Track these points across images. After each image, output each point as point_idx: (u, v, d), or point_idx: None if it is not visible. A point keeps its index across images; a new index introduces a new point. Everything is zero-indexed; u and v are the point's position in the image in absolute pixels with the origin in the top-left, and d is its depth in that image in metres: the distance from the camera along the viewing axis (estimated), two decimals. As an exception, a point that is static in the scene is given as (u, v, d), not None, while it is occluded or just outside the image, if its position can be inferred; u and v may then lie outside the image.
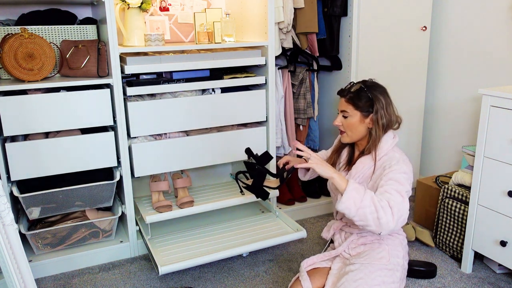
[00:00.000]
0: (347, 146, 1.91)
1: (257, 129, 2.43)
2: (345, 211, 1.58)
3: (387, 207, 1.56)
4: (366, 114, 1.75)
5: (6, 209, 1.42)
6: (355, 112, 1.75)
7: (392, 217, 1.55)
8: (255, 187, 1.94)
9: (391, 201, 1.57)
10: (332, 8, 2.59)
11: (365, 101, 1.73)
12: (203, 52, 2.31)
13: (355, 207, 1.56)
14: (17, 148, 2.02)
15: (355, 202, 1.56)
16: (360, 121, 1.76)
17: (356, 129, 1.77)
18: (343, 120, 1.79)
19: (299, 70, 2.68)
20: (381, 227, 1.55)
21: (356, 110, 1.75)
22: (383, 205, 1.56)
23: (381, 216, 1.55)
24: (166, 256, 2.09)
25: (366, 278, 1.62)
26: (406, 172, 1.66)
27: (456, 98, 2.85)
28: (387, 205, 1.56)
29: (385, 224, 1.55)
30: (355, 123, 1.76)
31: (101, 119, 2.15)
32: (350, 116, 1.76)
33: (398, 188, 1.61)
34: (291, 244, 2.44)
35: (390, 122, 1.76)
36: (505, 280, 2.10)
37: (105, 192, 2.21)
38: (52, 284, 2.12)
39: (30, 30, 2.16)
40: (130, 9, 2.18)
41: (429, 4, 2.77)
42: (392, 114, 1.76)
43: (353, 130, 1.78)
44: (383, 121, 1.73)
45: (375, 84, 1.78)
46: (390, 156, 1.72)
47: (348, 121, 1.77)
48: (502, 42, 2.53)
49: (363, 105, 1.74)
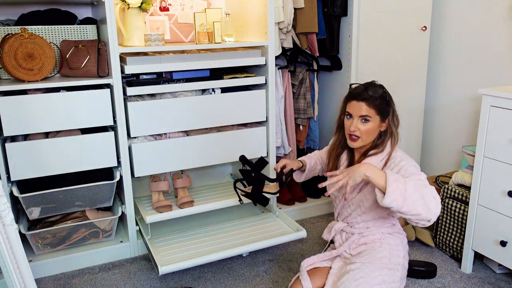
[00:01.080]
0: (347, 150, 1.86)
1: (257, 129, 2.43)
2: (392, 204, 1.47)
3: (429, 189, 1.50)
4: (383, 118, 1.71)
5: (6, 209, 1.42)
6: (376, 117, 1.69)
7: (435, 200, 1.49)
8: (254, 194, 1.93)
9: (423, 184, 1.52)
10: (332, 8, 2.59)
11: (385, 104, 1.70)
12: (203, 52, 2.31)
13: (402, 198, 1.46)
14: (17, 148, 2.02)
15: (401, 193, 1.46)
16: (379, 126, 1.71)
17: (373, 134, 1.71)
18: (360, 125, 1.69)
19: (299, 70, 2.68)
20: (430, 212, 1.48)
21: (378, 115, 1.68)
22: (425, 191, 1.49)
23: (429, 200, 1.48)
24: (166, 256, 2.09)
25: (366, 277, 1.62)
26: (415, 166, 1.66)
27: (456, 98, 2.85)
28: (428, 187, 1.51)
29: (434, 208, 1.48)
30: (373, 127, 1.69)
31: (101, 119, 2.15)
32: (371, 121, 1.68)
33: (421, 177, 1.58)
34: (291, 244, 2.44)
35: (397, 125, 1.76)
36: (505, 280, 2.10)
37: (105, 192, 2.21)
38: (52, 284, 2.12)
39: (30, 30, 2.16)
40: (130, 9, 2.18)
41: (429, 4, 2.77)
42: (398, 119, 1.77)
43: (369, 135, 1.70)
44: (395, 125, 1.73)
45: (383, 86, 1.75)
46: (392, 156, 1.72)
47: (367, 126, 1.68)
48: (502, 42, 2.53)
49: (386, 110, 1.70)
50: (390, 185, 1.47)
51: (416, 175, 1.59)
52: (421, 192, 1.49)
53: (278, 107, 2.59)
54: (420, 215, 1.49)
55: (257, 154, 2.44)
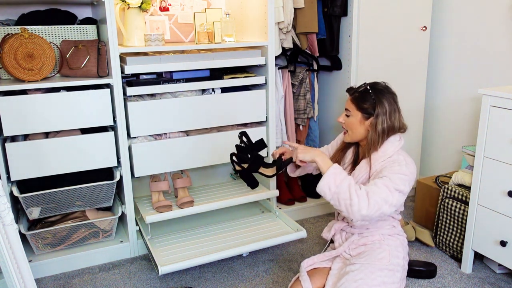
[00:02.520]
0: (353, 146, 1.90)
1: (257, 129, 2.43)
2: (321, 193, 1.63)
3: (364, 196, 1.58)
4: (366, 116, 1.74)
5: (6, 209, 1.42)
6: (356, 112, 1.76)
7: (367, 206, 1.57)
8: (249, 171, 1.92)
9: (371, 192, 1.59)
10: (332, 8, 2.59)
11: (368, 103, 1.73)
12: (203, 52, 2.31)
13: (330, 192, 1.61)
14: (17, 148, 2.02)
15: (330, 187, 1.61)
16: (360, 122, 1.76)
17: (356, 130, 1.78)
18: (345, 118, 1.80)
19: (299, 70, 2.68)
20: (352, 213, 1.58)
21: (358, 110, 1.75)
22: (359, 193, 1.58)
23: (353, 204, 1.57)
24: (166, 256, 2.09)
25: (366, 279, 1.62)
26: (406, 174, 1.66)
27: (456, 98, 2.85)
28: (365, 194, 1.58)
29: (356, 212, 1.57)
30: (355, 123, 1.77)
31: (101, 119, 2.15)
32: (352, 115, 1.77)
33: (388, 183, 1.62)
34: (291, 244, 2.44)
35: (391, 129, 1.74)
36: (505, 280, 2.10)
37: (105, 192, 2.21)
38: (52, 284, 2.12)
39: (30, 30, 2.16)
40: (130, 9, 2.18)
41: (429, 4, 2.77)
42: (396, 121, 1.75)
43: (353, 130, 1.79)
44: (383, 126, 1.72)
45: (385, 88, 1.77)
46: (394, 158, 1.71)
47: (349, 120, 1.78)
48: (502, 42, 2.53)
49: (366, 107, 1.73)
50: (326, 176, 1.62)
51: (385, 180, 1.62)
52: (352, 194, 1.58)
53: (278, 107, 2.59)
54: (343, 212, 1.62)
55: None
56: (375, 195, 1.59)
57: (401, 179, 1.64)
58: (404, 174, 1.65)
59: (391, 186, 1.62)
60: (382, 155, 1.73)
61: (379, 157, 1.73)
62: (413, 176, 1.69)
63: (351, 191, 1.59)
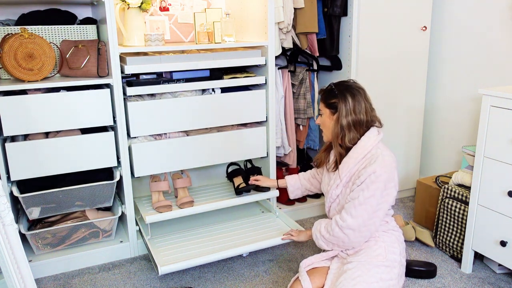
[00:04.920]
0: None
1: (257, 129, 2.43)
2: (321, 246, 1.86)
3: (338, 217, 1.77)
4: (333, 112, 1.80)
5: (6, 209, 1.42)
6: (325, 110, 1.83)
7: (346, 242, 1.76)
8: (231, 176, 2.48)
9: (336, 217, 1.78)
10: (332, 8, 2.59)
11: (333, 99, 1.79)
12: (203, 52, 2.31)
13: (325, 244, 1.83)
14: (17, 148, 2.02)
15: (323, 241, 1.83)
16: (329, 118, 1.82)
17: (327, 127, 1.84)
18: (320, 118, 1.88)
19: (299, 70, 2.68)
20: (349, 245, 1.78)
21: (326, 107, 1.83)
22: (331, 222, 1.80)
23: (346, 243, 1.77)
24: (166, 256, 2.09)
25: (364, 276, 1.63)
26: (378, 189, 1.70)
27: (456, 98, 2.85)
28: (340, 215, 1.76)
29: (357, 243, 1.77)
30: (326, 120, 1.84)
31: (101, 119, 2.15)
32: (323, 113, 1.85)
33: (368, 208, 1.72)
34: (291, 244, 2.44)
35: (357, 121, 1.76)
36: (505, 280, 2.10)
37: (105, 192, 2.21)
38: (52, 284, 2.12)
39: (30, 30, 2.16)
40: (130, 9, 2.18)
41: (429, 4, 2.77)
42: (361, 114, 1.76)
43: (326, 128, 1.86)
44: (347, 119, 1.75)
45: (349, 84, 1.82)
46: (372, 153, 1.74)
47: (322, 119, 1.86)
48: (502, 42, 2.53)
49: (331, 103, 1.80)
50: (316, 241, 1.87)
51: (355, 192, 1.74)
52: (329, 230, 1.79)
53: (278, 107, 2.59)
54: (343, 245, 1.79)
55: (257, 154, 2.44)
56: (363, 227, 1.72)
57: (375, 198, 1.70)
58: (376, 190, 1.70)
59: (370, 210, 1.71)
60: (360, 150, 1.75)
61: (357, 154, 1.75)
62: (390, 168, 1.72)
63: (333, 238, 1.79)
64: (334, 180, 1.83)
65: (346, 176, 1.78)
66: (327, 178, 1.93)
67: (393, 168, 1.73)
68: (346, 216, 1.72)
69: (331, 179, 1.88)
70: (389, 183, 1.72)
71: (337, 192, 1.83)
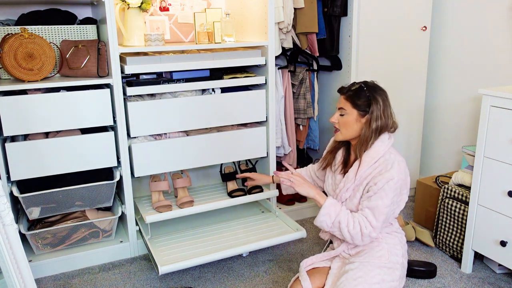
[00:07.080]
0: (343, 147, 1.91)
1: (257, 129, 2.43)
2: (320, 226, 1.75)
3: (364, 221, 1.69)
4: (362, 114, 1.75)
5: (6, 209, 1.42)
6: (352, 110, 1.76)
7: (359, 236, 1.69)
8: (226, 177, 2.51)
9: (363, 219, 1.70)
10: (332, 8, 2.59)
11: (363, 100, 1.74)
12: (203, 52, 2.31)
13: (330, 223, 1.72)
14: (17, 148, 2.02)
15: (331, 219, 1.72)
16: (356, 120, 1.76)
17: (351, 128, 1.78)
18: (339, 117, 1.80)
19: (299, 70, 2.68)
20: (354, 242, 1.71)
21: (354, 108, 1.75)
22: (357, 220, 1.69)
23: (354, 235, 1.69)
24: (166, 256, 2.09)
25: (365, 277, 1.63)
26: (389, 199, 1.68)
27: (456, 98, 2.85)
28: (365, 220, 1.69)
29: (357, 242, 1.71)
30: (351, 121, 1.77)
31: (101, 119, 2.15)
32: (347, 114, 1.77)
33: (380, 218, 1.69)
34: (291, 244, 2.44)
35: (384, 126, 1.75)
36: (505, 280, 2.10)
37: (105, 192, 2.21)
38: (52, 284, 2.12)
39: (30, 30, 2.16)
40: (130, 9, 2.18)
41: (429, 4, 2.77)
42: (388, 118, 1.76)
43: (347, 128, 1.78)
44: (377, 123, 1.73)
45: (376, 86, 1.78)
46: (386, 158, 1.72)
47: (344, 118, 1.78)
48: (502, 42, 2.53)
49: (361, 104, 1.74)
50: (325, 207, 1.73)
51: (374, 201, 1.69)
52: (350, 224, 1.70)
53: (278, 107, 2.59)
54: (346, 239, 1.73)
55: (257, 154, 2.44)
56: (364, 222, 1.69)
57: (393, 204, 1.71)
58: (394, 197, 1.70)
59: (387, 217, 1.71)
60: (374, 155, 1.73)
61: (371, 158, 1.73)
62: (404, 175, 1.72)
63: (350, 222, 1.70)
64: (344, 183, 1.79)
65: (358, 179, 1.77)
66: (331, 179, 1.91)
67: (407, 173, 1.74)
68: (369, 226, 1.69)
69: (336, 180, 1.87)
70: (404, 189, 1.74)
71: (347, 196, 1.80)
